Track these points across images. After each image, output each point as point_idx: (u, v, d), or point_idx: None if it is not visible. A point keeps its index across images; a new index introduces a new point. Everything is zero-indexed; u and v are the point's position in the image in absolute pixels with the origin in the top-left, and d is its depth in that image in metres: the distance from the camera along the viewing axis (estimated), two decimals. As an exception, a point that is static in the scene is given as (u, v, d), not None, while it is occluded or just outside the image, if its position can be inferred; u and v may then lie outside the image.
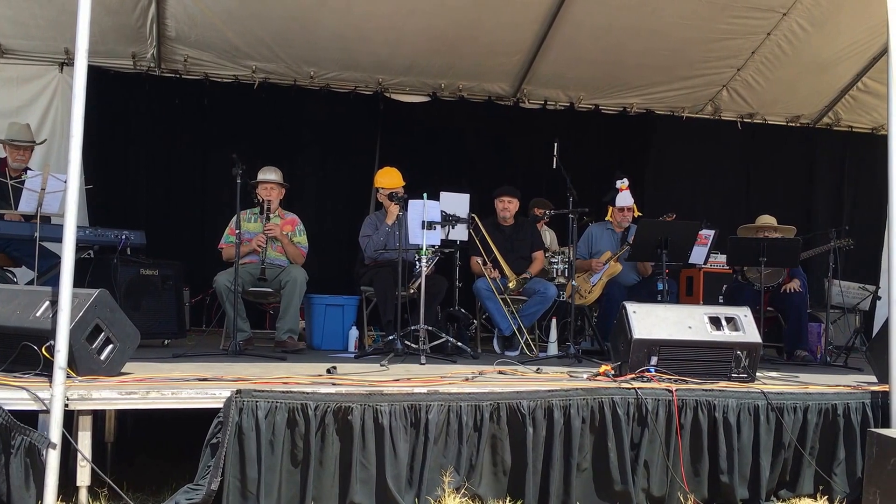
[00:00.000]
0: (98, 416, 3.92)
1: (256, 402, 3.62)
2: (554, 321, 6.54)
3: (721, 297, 7.37)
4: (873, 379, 4.86)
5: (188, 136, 7.92)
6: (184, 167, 7.89)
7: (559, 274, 6.84)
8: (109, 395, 3.59)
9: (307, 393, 3.72)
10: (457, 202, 6.00)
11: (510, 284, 6.37)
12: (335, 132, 8.18)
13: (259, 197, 6.17)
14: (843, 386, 4.61)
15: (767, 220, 7.15)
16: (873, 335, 5.54)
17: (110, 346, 3.91)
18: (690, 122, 8.87)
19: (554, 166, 6.08)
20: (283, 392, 3.69)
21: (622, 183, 6.83)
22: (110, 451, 4.11)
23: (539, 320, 6.72)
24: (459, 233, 6.06)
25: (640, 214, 6.94)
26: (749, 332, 4.64)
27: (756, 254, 6.46)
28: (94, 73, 7.43)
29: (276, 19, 7.16)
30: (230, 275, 5.73)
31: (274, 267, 6.13)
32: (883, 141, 4.40)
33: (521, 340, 6.29)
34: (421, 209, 5.55)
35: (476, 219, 6.42)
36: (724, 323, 4.64)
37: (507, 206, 6.69)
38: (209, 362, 4.82)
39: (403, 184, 6.35)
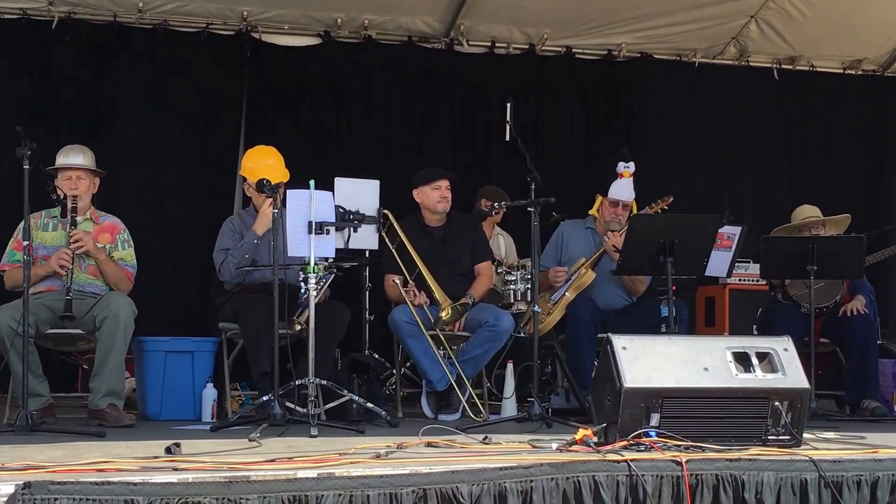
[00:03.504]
0: None
1: (56, 499, 3.55)
2: (510, 367, 6.54)
3: (755, 325, 7.46)
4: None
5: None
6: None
7: (518, 298, 6.86)
8: None
9: (134, 484, 3.64)
10: (361, 193, 5.96)
11: (443, 314, 6.36)
12: (176, 92, 8.13)
13: (60, 192, 6.07)
14: (929, 449, 4.71)
15: (809, 211, 7.27)
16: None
17: None
18: (705, 71, 9.02)
19: (507, 138, 6.12)
20: (98, 484, 3.61)
21: (626, 168, 6.85)
22: None
23: (489, 366, 6.71)
24: (366, 238, 6.03)
25: (636, 213, 7.00)
26: (792, 373, 4.71)
27: (801, 260, 6.56)
28: None
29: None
30: (17, 310, 5.61)
31: (85, 297, 6.04)
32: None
33: (461, 397, 6.27)
34: (306, 205, 5.53)
35: (390, 216, 6.41)
36: (755, 361, 4.70)
37: (446, 195, 6.72)
38: (-14, 444, 4.72)
39: (288, 176, 6.33)
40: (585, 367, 6.45)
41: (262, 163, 6.41)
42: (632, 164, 6.85)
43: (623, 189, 6.85)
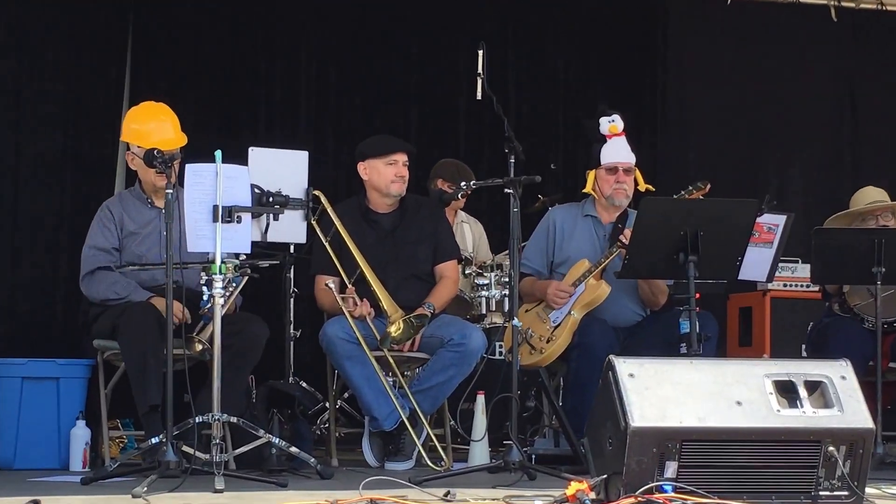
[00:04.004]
0: None
1: None
2: (481, 401, 6.54)
3: (805, 345, 7.50)
4: None
5: None
6: None
7: (492, 308, 6.81)
8: None
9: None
10: (285, 167, 6.00)
11: (392, 330, 6.33)
12: (38, 29, 8.05)
13: None
14: None
15: (873, 194, 7.26)
16: None
17: None
18: (741, 9, 9.06)
19: (478, 96, 6.13)
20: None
21: (611, 122, 6.87)
22: None
23: (452, 399, 6.71)
24: (291, 228, 6.09)
25: (649, 188, 7.01)
26: (851, 408, 4.72)
27: (865, 259, 6.56)
28: None
29: None
30: None
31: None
32: None
33: (416, 440, 6.28)
34: (211, 183, 5.51)
35: (323, 199, 6.41)
36: (803, 393, 4.72)
37: (403, 173, 6.70)
38: None
39: (185, 140, 6.31)
40: (586, 401, 6.37)
41: (151, 125, 6.36)
42: (617, 118, 6.82)
43: (618, 149, 6.84)
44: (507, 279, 6.54)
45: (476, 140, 8.22)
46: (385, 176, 6.65)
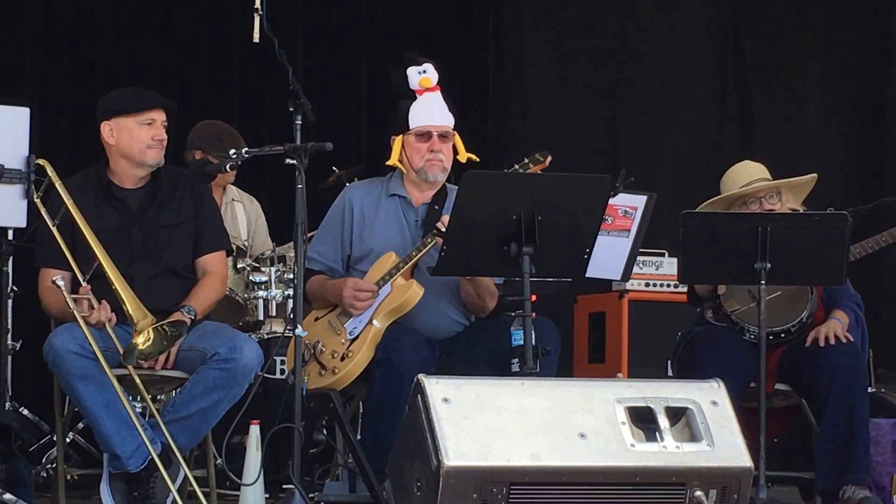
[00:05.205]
0: None
1: None
2: (255, 433, 6.48)
3: (671, 360, 7.59)
4: None
5: None
6: None
7: (272, 313, 6.80)
8: None
9: None
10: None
11: (140, 341, 6.29)
12: None
13: None
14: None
15: (752, 171, 7.35)
16: None
17: None
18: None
19: (255, 38, 6.21)
20: None
21: (422, 74, 6.87)
22: None
23: (218, 431, 6.67)
24: (6, 208, 6.12)
25: (472, 158, 7.03)
26: (724, 442, 4.81)
27: (745, 253, 6.68)
28: None
29: None
30: None
31: None
32: None
33: (169, 484, 6.19)
34: None
35: (49, 171, 6.36)
36: (664, 423, 4.80)
37: (162, 136, 6.66)
38: None
39: None
40: (390, 431, 6.39)
41: None
42: (430, 68, 6.80)
43: (431, 108, 6.86)
44: (291, 276, 6.52)
45: (253, 96, 8.19)
46: (139, 139, 6.59)
